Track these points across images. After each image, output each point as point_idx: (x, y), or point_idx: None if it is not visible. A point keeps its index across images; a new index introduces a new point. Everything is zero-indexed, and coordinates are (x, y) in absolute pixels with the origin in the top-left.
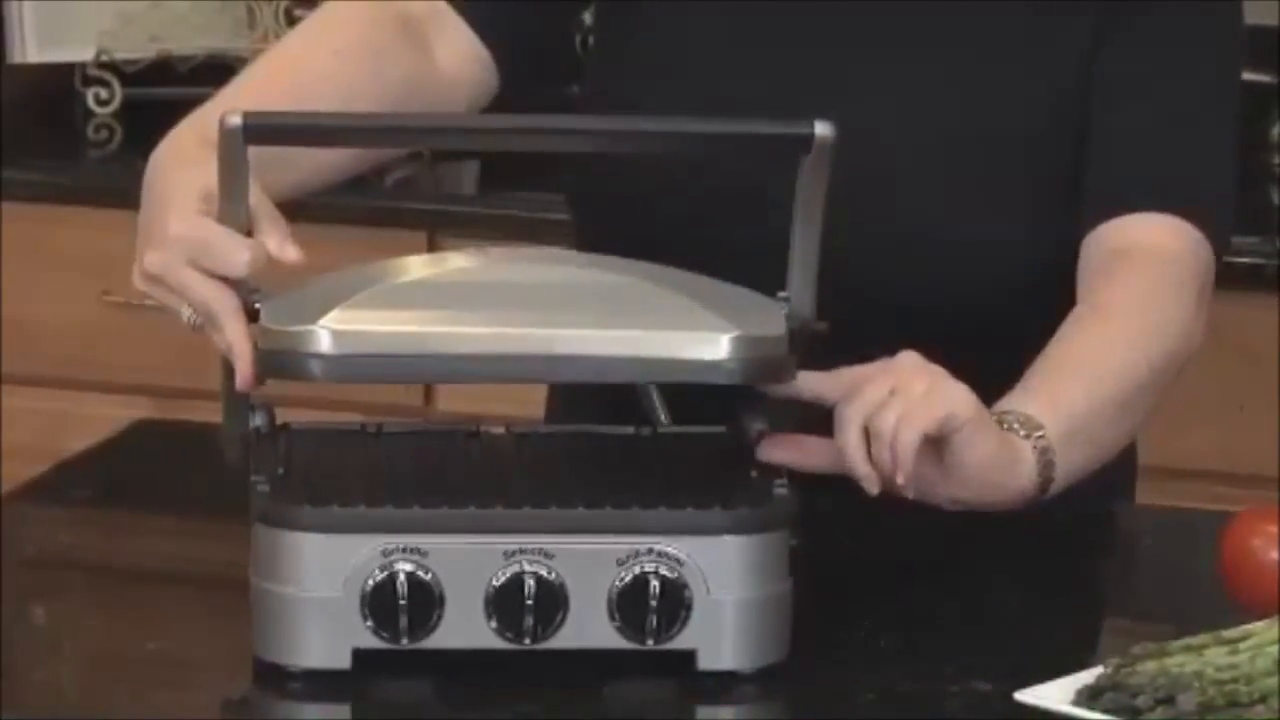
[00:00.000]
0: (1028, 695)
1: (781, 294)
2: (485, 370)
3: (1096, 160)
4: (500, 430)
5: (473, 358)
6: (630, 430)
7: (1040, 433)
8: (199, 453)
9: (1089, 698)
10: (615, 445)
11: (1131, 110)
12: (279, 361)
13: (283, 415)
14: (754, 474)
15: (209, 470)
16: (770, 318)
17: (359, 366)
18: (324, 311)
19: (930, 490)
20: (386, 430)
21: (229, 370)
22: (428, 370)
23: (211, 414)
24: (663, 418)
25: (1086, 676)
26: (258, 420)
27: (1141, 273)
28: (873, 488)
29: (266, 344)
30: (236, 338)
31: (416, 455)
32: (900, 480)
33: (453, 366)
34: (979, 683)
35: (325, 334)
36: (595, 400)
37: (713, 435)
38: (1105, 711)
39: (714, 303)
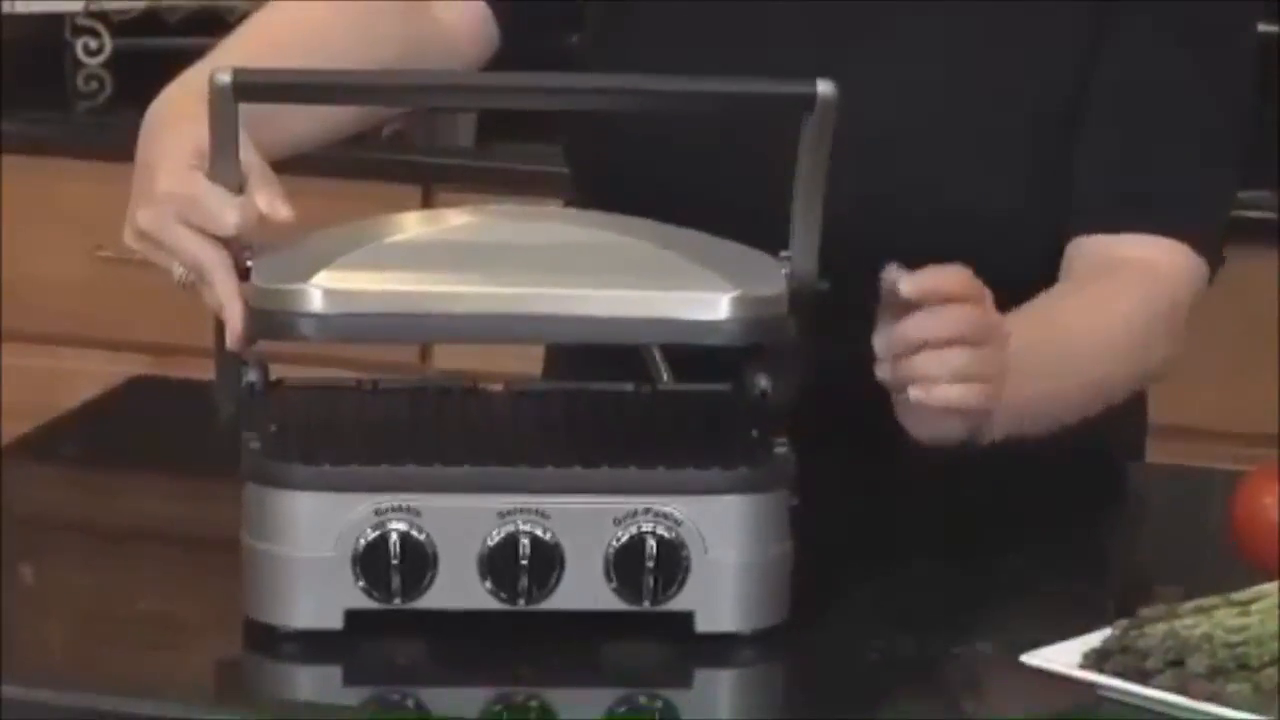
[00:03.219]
0: (1034, 658)
1: (784, 253)
2: (479, 330)
3: (1092, 168)
4: (497, 388)
5: (467, 318)
6: (629, 388)
7: None
8: (192, 410)
9: (1097, 660)
10: (614, 403)
11: (1132, 118)
12: (270, 321)
13: (277, 371)
14: (754, 433)
15: (202, 427)
16: (770, 276)
17: (352, 326)
18: (316, 270)
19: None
20: (382, 387)
21: (221, 327)
22: (421, 330)
23: (205, 370)
24: (664, 375)
25: (1094, 639)
26: (251, 376)
27: (1126, 291)
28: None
29: (258, 303)
30: (227, 296)
31: (412, 413)
32: (900, 392)
33: (447, 327)
34: (983, 645)
35: (317, 293)
36: (594, 357)
37: (714, 393)
38: (1113, 675)
39: (713, 262)
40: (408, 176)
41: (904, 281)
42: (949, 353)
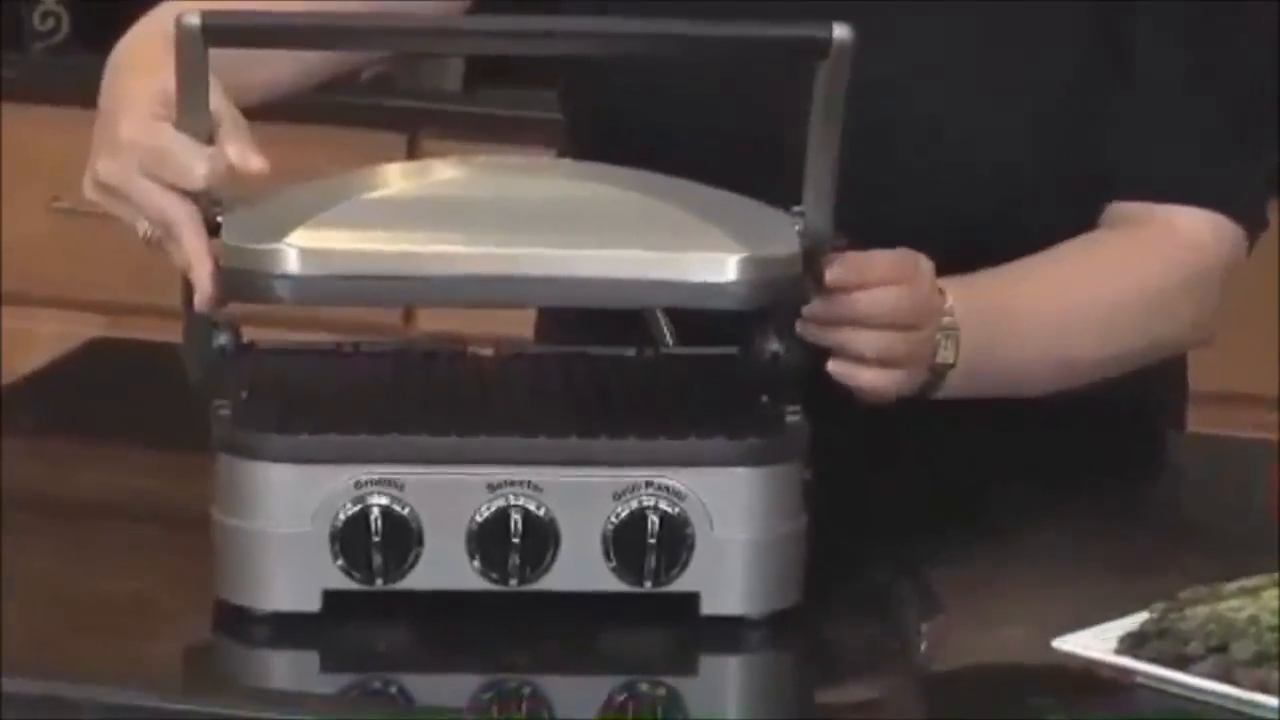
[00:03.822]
0: (1066, 643)
1: (796, 208)
2: (467, 294)
3: (1122, 136)
4: (487, 351)
5: (453, 280)
6: (630, 352)
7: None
8: (158, 375)
9: (1134, 645)
10: (613, 368)
11: (1161, 87)
12: (242, 282)
13: (250, 334)
14: (765, 400)
15: (169, 394)
16: (782, 235)
17: (330, 289)
18: (292, 227)
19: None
20: (363, 351)
21: (190, 286)
22: (404, 294)
23: (171, 332)
24: (668, 338)
25: (1131, 622)
26: (222, 339)
27: (1145, 256)
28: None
29: (229, 262)
30: (195, 254)
31: (395, 378)
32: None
33: (431, 290)
34: (1012, 629)
35: (293, 253)
36: (592, 319)
37: (721, 358)
38: (1151, 661)
39: (721, 218)
40: (391, 123)
41: (830, 269)
42: (874, 335)
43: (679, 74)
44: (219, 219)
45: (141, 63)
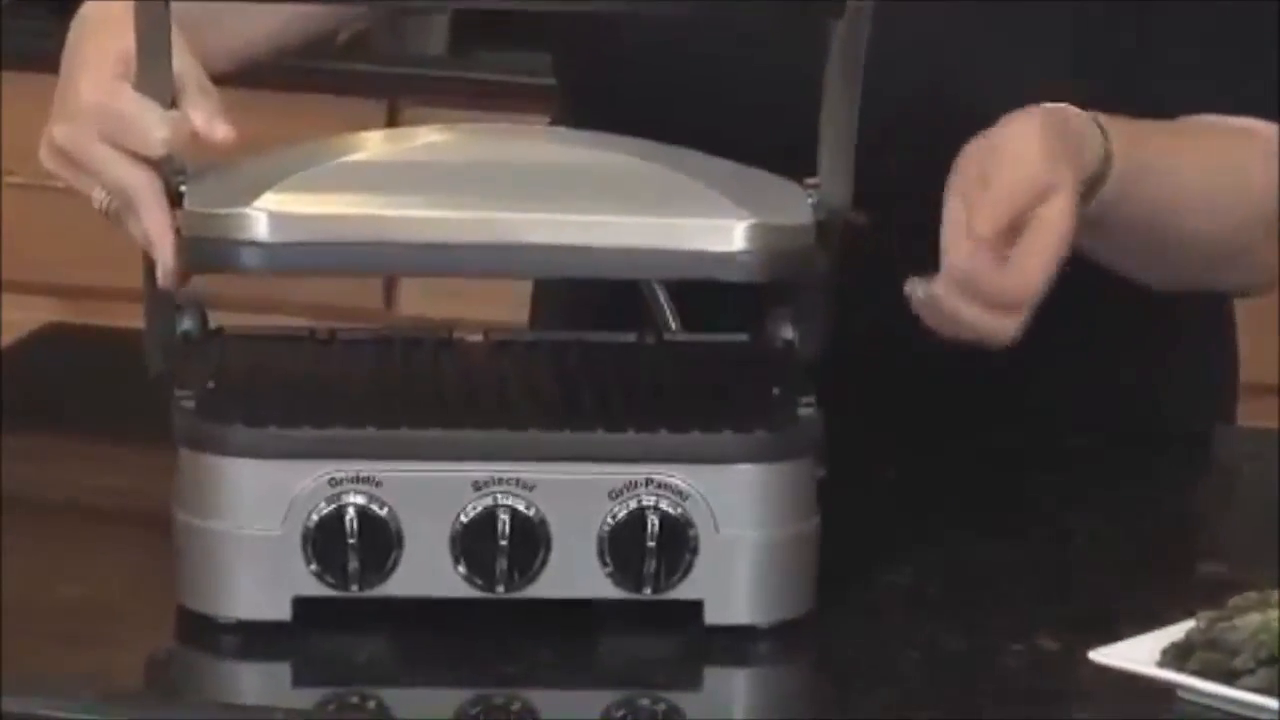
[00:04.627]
0: (1104, 655)
1: (810, 180)
2: (451, 262)
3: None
4: (475, 338)
5: (437, 248)
6: (630, 339)
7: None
8: (117, 363)
9: (1178, 658)
10: (612, 357)
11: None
12: (206, 251)
13: (217, 319)
14: (776, 391)
15: (128, 384)
16: (795, 204)
17: (301, 256)
18: (259, 192)
19: None
20: (339, 338)
21: (151, 263)
22: (383, 260)
23: (130, 317)
24: (671, 324)
25: (1174, 632)
26: (186, 324)
27: (1235, 141)
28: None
29: (192, 230)
30: (155, 225)
31: (374, 367)
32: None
33: (413, 258)
34: (1045, 640)
35: (261, 217)
36: (591, 303)
37: (729, 345)
38: (1196, 674)
39: (728, 186)
40: (370, 89)
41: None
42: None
43: (685, 37)
44: (181, 189)
45: (105, 23)
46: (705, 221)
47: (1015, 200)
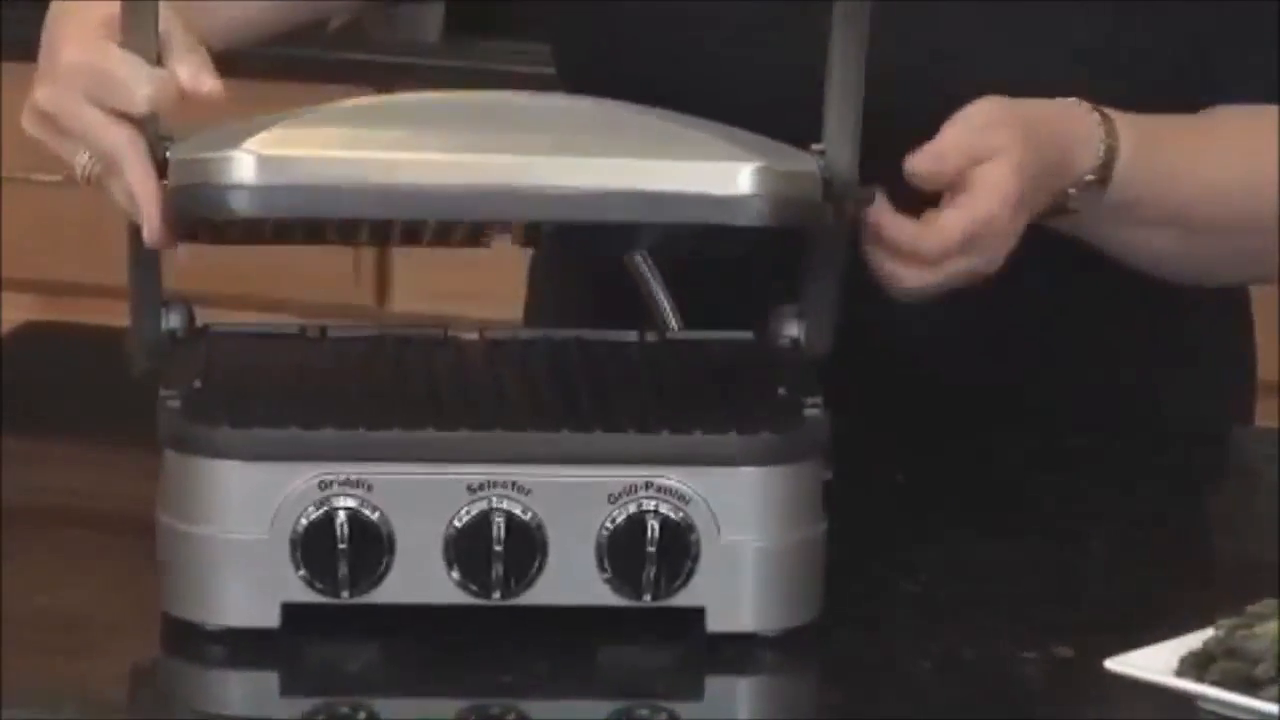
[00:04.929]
0: (1120, 664)
1: (816, 146)
2: (448, 206)
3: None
4: (470, 336)
5: (432, 190)
6: (632, 337)
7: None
8: (99, 362)
9: (1196, 667)
10: (611, 355)
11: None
12: (193, 199)
13: (205, 316)
14: (781, 391)
15: (112, 384)
16: (800, 159)
17: (291, 199)
18: (248, 137)
19: None
20: (331, 336)
21: (138, 256)
22: (379, 203)
23: (112, 314)
24: (672, 322)
25: (1193, 640)
26: (172, 321)
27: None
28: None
29: (178, 180)
30: (139, 180)
31: (366, 366)
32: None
33: (410, 201)
34: (1060, 648)
35: (248, 159)
36: (587, 300)
37: (733, 343)
38: (1216, 684)
39: (732, 136)
40: (363, 78)
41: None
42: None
43: (686, 25)
44: (167, 155)
45: None
46: (711, 164)
47: (944, 152)
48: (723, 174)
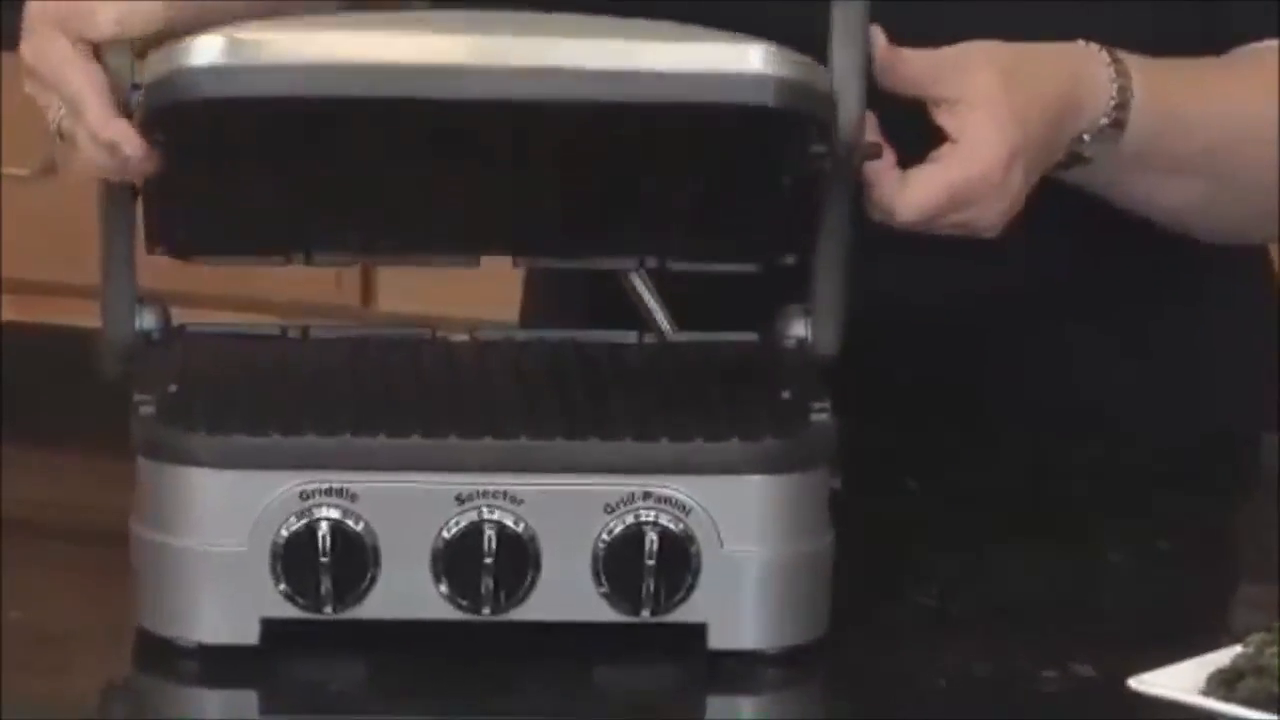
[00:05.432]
0: (1144, 683)
1: None
2: (435, 84)
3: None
4: (460, 337)
5: (419, 68)
6: (630, 338)
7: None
8: (68, 365)
9: (1224, 684)
10: (608, 358)
11: None
12: (164, 91)
13: (181, 316)
14: (786, 395)
15: (83, 388)
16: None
17: (263, 79)
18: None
19: None
20: (313, 337)
21: (110, 252)
22: (353, 82)
23: (84, 314)
24: (664, 325)
25: (1220, 658)
26: (146, 322)
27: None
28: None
29: (148, 78)
30: (100, 118)
31: (351, 369)
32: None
33: (390, 79)
34: (1080, 666)
35: (217, 41)
36: (583, 300)
37: (735, 345)
38: (1243, 703)
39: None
40: None
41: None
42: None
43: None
44: (138, 101)
45: None
46: (722, 44)
47: (910, 56)
48: (734, 53)
